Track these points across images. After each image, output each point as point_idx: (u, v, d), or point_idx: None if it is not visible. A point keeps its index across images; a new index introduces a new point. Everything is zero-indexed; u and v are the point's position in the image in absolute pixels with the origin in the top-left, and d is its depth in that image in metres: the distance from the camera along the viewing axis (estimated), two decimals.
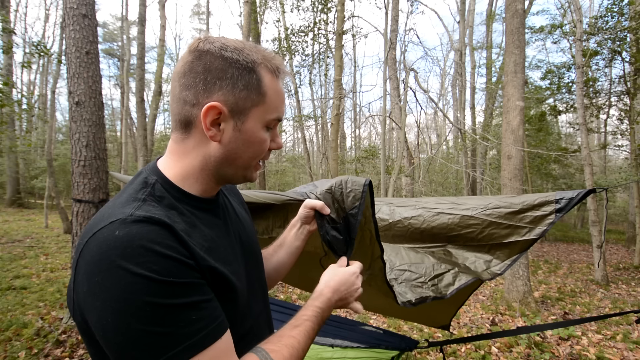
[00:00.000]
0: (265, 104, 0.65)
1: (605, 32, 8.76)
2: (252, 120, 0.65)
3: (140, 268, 0.49)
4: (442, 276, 1.28)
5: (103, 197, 3.58)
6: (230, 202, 0.83)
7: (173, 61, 23.25)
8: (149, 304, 0.49)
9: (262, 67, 0.64)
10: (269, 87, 0.65)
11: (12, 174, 16.04)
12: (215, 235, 0.67)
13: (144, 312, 0.49)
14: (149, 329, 0.49)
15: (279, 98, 0.67)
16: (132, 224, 0.53)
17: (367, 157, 12.25)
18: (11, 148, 12.20)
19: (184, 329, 0.51)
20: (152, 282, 0.50)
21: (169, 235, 0.54)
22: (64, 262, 6.54)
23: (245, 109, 0.64)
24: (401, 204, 1.49)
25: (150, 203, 0.59)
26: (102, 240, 0.52)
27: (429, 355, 3.32)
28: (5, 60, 12.73)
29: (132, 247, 0.51)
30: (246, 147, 0.66)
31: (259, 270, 0.84)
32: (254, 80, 0.63)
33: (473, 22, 14.74)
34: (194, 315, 0.52)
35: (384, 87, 8.32)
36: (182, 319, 0.51)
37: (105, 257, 0.50)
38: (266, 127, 0.67)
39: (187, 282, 0.53)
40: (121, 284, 0.49)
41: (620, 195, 18.94)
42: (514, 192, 4.85)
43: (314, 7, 10.29)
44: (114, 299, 0.49)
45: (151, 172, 0.67)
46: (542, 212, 1.16)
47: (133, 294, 0.49)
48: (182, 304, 0.52)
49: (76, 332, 3.37)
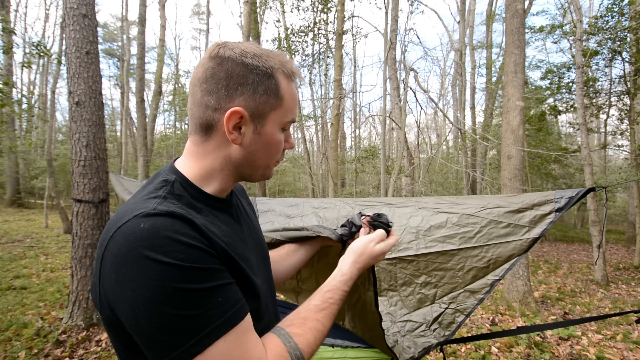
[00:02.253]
0: (283, 107, 0.69)
1: (605, 32, 8.76)
2: (271, 124, 0.69)
3: (167, 257, 0.52)
4: (441, 317, 1.25)
5: (103, 197, 3.58)
6: (242, 203, 0.87)
7: (173, 61, 23.24)
8: (179, 289, 0.52)
9: (279, 72, 0.68)
10: (286, 91, 0.68)
11: (12, 174, 16.04)
12: (232, 232, 0.70)
13: (174, 298, 0.52)
14: (180, 313, 0.52)
15: (293, 101, 0.71)
16: (156, 217, 0.56)
17: (367, 157, 12.26)
18: (11, 148, 12.19)
19: (212, 311, 0.54)
20: (179, 269, 0.52)
21: (190, 228, 0.57)
22: (64, 262, 6.54)
23: (264, 113, 0.68)
24: (401, 205, 1.49)
25: (170, 200, 0.62)
26: (128, 233, 0.54)
27: (428, 355, 3.32)
28: (5, 60, 12.73)
29: (158, 238, 0.53)
30: (265, 149, 0.70)
31: (269, 271, 0.86)
32: (272, 85, 0.67)
33: (473, 22, 14.73)
34: (220, 297, 0.55)
35: (384, 87, 8.32)
36: (209, 301, 0.54)
37: (132, 248, 0.53)
38: (282, 129, 0.71)
39: (211, 267, 0.56)
40: (151, 273, 0.52)
41: (620, 195, 18.94)
42: (514, 192, 4.85)
43: (314, 7, 10.29)
44: (145, 287, 0.52)
45: (170, 171, 0.70)
46: (542, 212, 1.15)
47: (163, 281, 0.51)
48: (209, 288, 0.55)
49: (76, 332, 3.37)
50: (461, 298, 1.23)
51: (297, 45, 10.60)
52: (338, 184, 9.65)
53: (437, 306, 1.26)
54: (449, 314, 1.24)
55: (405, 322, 1.28)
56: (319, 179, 14.93)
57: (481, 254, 1.22)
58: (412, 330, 1.26)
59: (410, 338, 1.24)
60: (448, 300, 1.25)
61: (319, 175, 15.34)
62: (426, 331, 1.24)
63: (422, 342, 1.22)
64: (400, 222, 1.42)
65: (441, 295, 1.27)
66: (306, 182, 19.48)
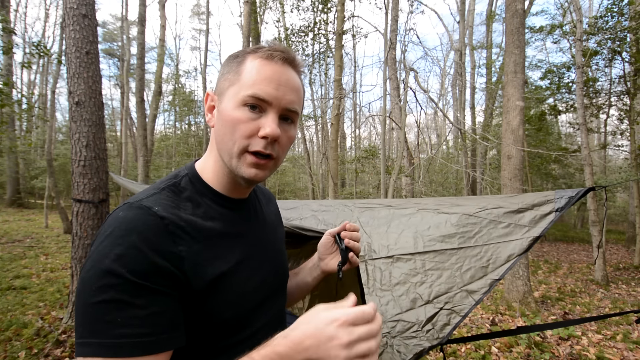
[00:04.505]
0: (240, 81, 0.64)
1: (605, 32, 8.76)
2: (227, 100, 0.65)
3: (109, 248, 0.53)
4: (435, 317, 1.17)
5: (103, 197, 3.58)
6: (262, 208, 0.83)
7: (173, 61, 23.24)
8: (96, 287, 0.51)
9: (249, 54, 0.67)
10: (249, 66, 0.65)
11: (12, 174, 16.04)
12: (228, 233, 0.68)
13: (89, 293, 0.51)
14: (88, 304, 0.51)
15: (259, 76, 0.63)
16: (133, 209, 0.58)
17: (367, 157, 12.25)
18: (11, 148, 12.19)
19: (104, 325, 0.50)
20: (108, 265, 0.52)
21: (157, 226, 0.57)
22: (64, 262, 6.54)
23: (224, 91, 0.67)
24: (401, 207, 1.48)
25: (165, 193, 0.64)
26: (110, 217, 0.59)
27: (428, 355, 3.32)
28: (6, 60, 12.72)
29: (119, 229, 0.55)
30: (224, 128, 0.65)
31: (280, 291, 0.80)
32: (235, 63, 0.67)
33: (473, 22, 14.74)
34: (124, 315, 0.51)
35: (384, 87, 8.31)
36: (109, 314, 0.50)
37: (101, 232, 0.57)
38: (244, 105, 0.63)
39: (139, 283, 0.52)
40: (90, 259, 0.54)
41: (620, 196, 18.94)
42: (514, 192, 4.85)
43: (314, 7, 10.29)
44: (86, 267, 0.54)
45: (187, 167, 0.73)
46: (542, 211, 1.16)
47: (91, 270, 0.53)
48: (119, 301, 0.51)
49: None
50: (458, 298, 1.20)
51: (297, 45, 10.60)
52: (338, 184, 9.65)
53: (431, 306, 1.21)
54: (443, 314, 1.19)
55: (396, 322, 1.22)
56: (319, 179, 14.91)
57: (480, 253, 1.21)
58: (403, 332, 1.19)
59: (400, 340, 1.17)
60: (444, 300, 1.21)
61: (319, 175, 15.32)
62: (418, 332, 1.16)
63: (413, 345, 1.14)
64: (399, 222, 1.41)
65: (437, 295, 1.22)
66: (306, 182, 19.48)
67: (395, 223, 1.43)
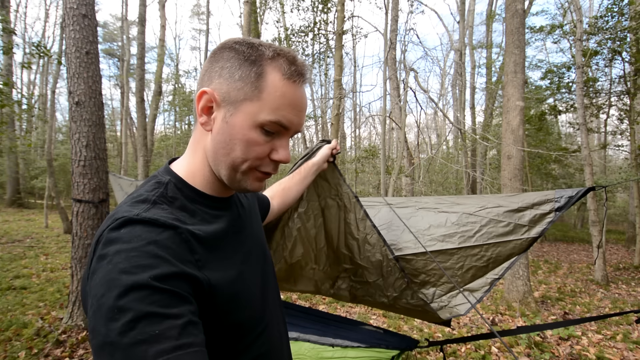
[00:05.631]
0: (261, 100, 0.59)
1: (605, 32, 8.76)
2: (242, 115, 0.59)
3: (126, 263, 0.46)
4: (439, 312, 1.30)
5: (103, 197, 3.58)
6: (242, 202, 0.81)
7: (173, 61, 23.28)
8: (117, 307, 0.44)
9: (270, 63, 0.60)
10: (272, 85, 0.59)
11: (12, 174, 16.04)
12: (226, 236, 0.66)
13: (109, 314, 0.43)
14: (107, 328, 0.43)
15: (284, 101, 0.59)
16: (136, 223, 0.52)
17: (367, 157, 12.26)
18: (11, 148, 12.20)
19: (139, 347, 0.42)
20: (129, 280, 0.45)
21: (171, 236, 0.53)
22: (64, 262, 6.54)
23: (236, 101, 0.59)
24: (401, 205, 1.49)
25: (160, 206, 0.57)
26: (109, 238, 0.50)
27: (429, 355, 3.32)
28: (5, 60, 12.73)
29: (129, 244, 0.49)
30: (232, 143, 0.60)
31: (269, 274, 0.79)
32: (253, 72, 0.59)
33: (473, 22, 14.74)
34: (159, 328, 0.44)
35: (384, 87, 8.32)
36: (142, 331, 0.43)
37: (105, 253, 0.48)
38: (261, 128, 0.60)
39: (168, 289, 0.47)
40: (104, 278, 0.46)
41: (620, 196, 18.94)
42: (514, 192, 4.85)
43: (314, 7, 10.29)
44: (97, 295, 0.45)
45: (165, 173, 0.66)
46: (542, 211, 1.16)
47: (108, 290, 0.45)
48: (150, 314, 0.44)
49: (76, 332, 3.37)
50: (461, 297, 1.23)
51: (297, 45, 10.60)
52: None
53: (435, 305, 1.27)
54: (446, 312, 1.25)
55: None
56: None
57: (480, 252, 1.22)
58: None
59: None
60: (447, 300, 1.25)
61: None
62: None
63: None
64: (399, 222, 1.41)
65: (440, 295, 1.26)
66: None
67: (395, 222, 1.43)
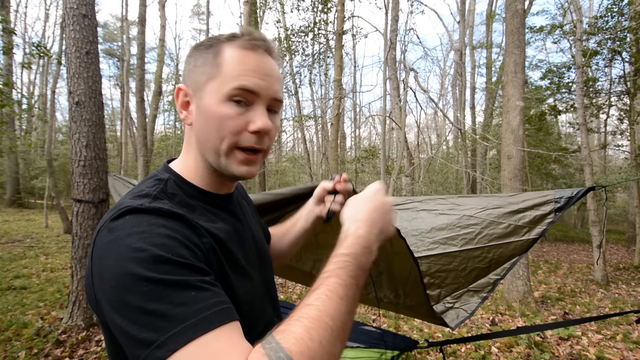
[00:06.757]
0: (221, 74, 0.60)
1: (605, 32, 8.77)
2: (208, 95, 0.61)
3: (142, 242, 0.48)
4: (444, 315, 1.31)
5: (103, 197, 3.58)
6: (242, 203, 0.82)
7: (173, 61, 23.27)
8: (146, 278, 0.46)
9: (225, 43, 0.62)
10: (229, 57, 0.61)
11: (12, 174, 16.04)
12: (229, 230, 0.66)
13: (140, 287, 0.45)
14: (146, 306, 0.45)
15: (244, 67, 0.60)
16: (141, 212, 0.53)
17: (367, 157, 12.25)
18: (11, 148, 12.20)
19: (183, 308, 0.45)
20: (151, 255, 0.47)
21: (178, 223, 0.53)
22: (64, 262, 6.54)
23: (202, 85, 0.62)
24: (402, 207, 1.48)
25: (161, 200, 0.58)
26: (112, 227, 0.52)
27: (429, 355, 3.32)
28: (5, 60, 12.72)
29: (139, 225, 0.50)
30: (207, 125, 0.61)
31: (269, 272, 0.80)
32: (211, 54, 0.62)
33: (473, 22, 14.75)
34: (195, 294, 0.47)
35: (384, 87, 8.31)
36: (180, 296, 0.46)
37: (114, 238, 0.50)
38: (229, 100, 0.60)
39: (190, 263, 0.49)
40: (121, 258, 0.47)
41: (620, 196, 18.95)
42: (514, 192, 4.85)
43: (314, 7, 10.28)
44: (117, 275, 0.47)
45: (163, 171, 0.67)
46: (542, 212, 1.16)
47: (132, 267, 0.46)
48: (182, 282, 0.47)
49: (76, 332, 3.37)
50: (465, 297, 1.25)
51: (297, 45, 10.59)
52: None
53: (441, 306, 1.28)
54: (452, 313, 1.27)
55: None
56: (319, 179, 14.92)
57: (482, 254, 1.23)
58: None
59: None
60: (452, 300, 1.26)
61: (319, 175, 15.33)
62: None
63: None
64: (401, 224, 1.41)
65: (445, 295, 1.28)
66: (306, 182, 19.49)
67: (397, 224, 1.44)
